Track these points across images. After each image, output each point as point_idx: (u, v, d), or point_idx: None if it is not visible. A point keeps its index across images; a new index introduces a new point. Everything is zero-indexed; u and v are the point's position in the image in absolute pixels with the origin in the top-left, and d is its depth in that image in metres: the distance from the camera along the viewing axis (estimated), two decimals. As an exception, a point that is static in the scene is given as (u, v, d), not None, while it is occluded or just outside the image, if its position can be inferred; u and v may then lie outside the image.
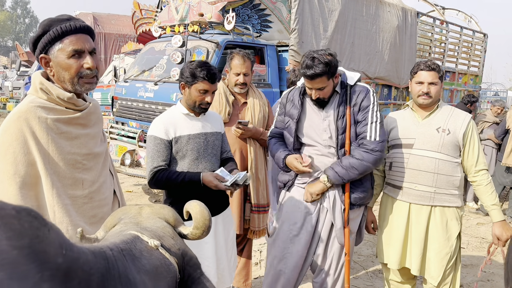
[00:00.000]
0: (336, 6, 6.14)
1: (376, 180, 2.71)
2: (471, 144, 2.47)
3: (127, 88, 6.05)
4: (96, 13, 13.16)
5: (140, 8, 8.41)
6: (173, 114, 2.43)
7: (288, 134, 2.55)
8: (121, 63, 9.08)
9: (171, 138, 2.35)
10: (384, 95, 7.38)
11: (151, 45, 6.40)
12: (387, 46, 7.01)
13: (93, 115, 1.69)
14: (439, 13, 9.82)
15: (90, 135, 1.66)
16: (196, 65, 2.35)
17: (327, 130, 2.45)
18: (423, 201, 2.50)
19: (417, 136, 2.52)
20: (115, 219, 1.26)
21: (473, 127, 2.49)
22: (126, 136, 5.87)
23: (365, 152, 2.36)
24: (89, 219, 1.60)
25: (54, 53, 1.54)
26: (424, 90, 2.48)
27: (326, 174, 2.42)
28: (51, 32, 1.52)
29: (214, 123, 2.53)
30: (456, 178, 2.48)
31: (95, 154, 1.67)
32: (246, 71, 2.97)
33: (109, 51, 12.73)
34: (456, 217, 2.52)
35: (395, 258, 2.58)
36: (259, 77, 5.77)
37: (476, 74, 9.93)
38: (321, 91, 2.36)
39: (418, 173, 2.49)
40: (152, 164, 2.33)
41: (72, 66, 1.55)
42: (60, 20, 1.55)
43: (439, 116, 2.52)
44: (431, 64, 2.51)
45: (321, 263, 2.56)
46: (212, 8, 5.40)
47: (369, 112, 2.40)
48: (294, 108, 2.53)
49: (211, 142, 2.46)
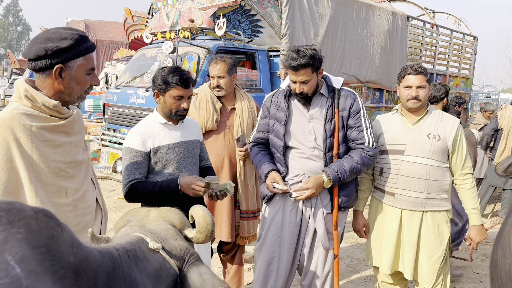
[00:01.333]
0: (326, 11, 6.17)
1: (365, 183, 2.72)
2: (459, 149, 2.51)
3: (119, 95, 6.03)
4: (87, 20, 13.14)
5: (132, 15, 8.41)
6: (150, 124, 2.36)
7: (275, 138, 2.54)
8: (113, 69, 9.06)
9: (149, 150, 2.29)
10: (375, 98, 7.41)
11: (143, 51, 6.40)
12: (378, 50, 7.06)
13: (76, 123, 1.69)
14: (429, 17, 9.91)
15: (73, 143, 1.67)
16: (168, 71, 2.28)
17: (312, 132, 2.46)
18: (415, 207, 2.51)
19: (408, 142, 2.52)
20: (124, 221, 1.30)
21: (461, 132, 2.53)
22: (118, 143, 5.85)
23: (366, 158, 2.43)
24: (73, 227, 1.57)
25: (74, 67, 1.59)
26: (413, 94, 2.48)
27: (326, 174, 2.39)
28: (82, 48, 1.60)
29: (192, 130, 2.49)
30: (445, 182, 2.51)
31: (78, 162, 1.68)
32: (219, 74, 2.94)
33: (101, 58, 12.70)
34: (446, 221, 2.55)
35: (388, 263, 2.58)
36: (251, 82, 5.79)
37: (467, 77, 10.00)
38: (305, 84, 2.38)
39: (410, 179, 2.49)
40: (128, 177, 2.25)
41: (87, 82, 1.65)
42: (86, 38, 1.63)
43: (429, 122, 2.53)
44: (418, 67, 2.51)
45: (307, 265, 2.57)
46: (202, 14, 5.41)
47: (361, 118, 2.46)
48: (280, 111, 2.53)
49: (191, 151, 2.43)
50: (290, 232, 2.52)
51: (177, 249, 1.20)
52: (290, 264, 2.55)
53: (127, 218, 1.30)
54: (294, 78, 2.38)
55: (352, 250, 4.65)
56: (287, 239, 2.52)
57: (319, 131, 2.45)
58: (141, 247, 1.12)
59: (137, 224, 1.24)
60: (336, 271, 2.54)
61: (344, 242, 4.88)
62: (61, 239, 0.78)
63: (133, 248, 1.09)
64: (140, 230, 1.19)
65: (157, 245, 1.14)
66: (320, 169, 2.45)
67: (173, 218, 1.33)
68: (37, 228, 0.74)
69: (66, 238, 0.80)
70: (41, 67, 1.56)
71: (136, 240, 1.13)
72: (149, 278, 1.06)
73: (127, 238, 1.13)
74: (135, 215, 1.31)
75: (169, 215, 1.33)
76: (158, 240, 1.17)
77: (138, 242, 1.12)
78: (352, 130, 2.46)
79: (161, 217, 1.31)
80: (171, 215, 1.33)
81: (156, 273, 1.09)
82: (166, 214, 1.33)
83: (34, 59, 1.56)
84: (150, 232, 1.19)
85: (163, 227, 1.25)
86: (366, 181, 2.72)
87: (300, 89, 2.39)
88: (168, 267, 1.14)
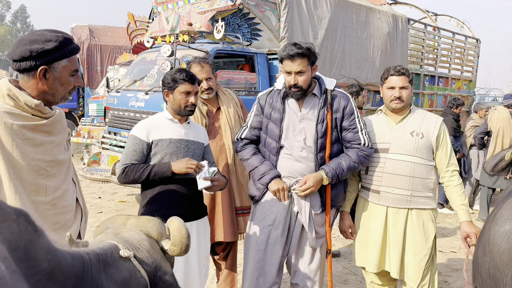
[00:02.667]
0: (325, 14, 6.19)
1: (351, 184, 2.73)
2: (443, 146, 2.53)
3: (119, 98, 6.08)
4: (92, 26, 13.23)
5: (135, 20, 8.49)
6: (158, 119, 2.53)
7: (270, 138, 2.55)
8: (116, 74, 9.12)
9: (151, 141, 2.41)
10: (376, 101, 7.41)
11: (143, 55, 6.45)
12: (378, 52, 7.06)
13: (58, 123, 1.71)
14: (431, 20, 9.90)
15: (55, 143, 1.68)
16: (175, 71, 2.48)
17: (302, 132, 2.47)
18: (400, 204, 2.52)
19: (392, 141, 2.54)
20: (102, 227, 1.30)
21: (444, 130, 2.56)
22: (118, 146, 5.89)
23: (363, 157, 2.48)
24: (52, 225, 1.61)
25: (58, 68, 1.62)
26: (396, 94, 2.51)
27: (325, 172, 2.41)
28: (66, 50, 1.62)
29: (197, 133, 2.57)
30: (430, 180, 2.53)
31: (59, 161, 1.69)
32: (207, 76, 2.96)
33: (105, 62, 12.78)
34: (432, 219, 2.55)
35: (374, 262, 2.58)
36: (250, 85, 5.81)
37: (469, 79, 9.97)
38: (300, 75, 2.38)
39: (394, 177, 2.51)
40: (125, 160, 2.40)
41: (71, 83, 1.68)
42: (70, 40, 1.65)
43: (412, 120, 2.56)
44: (400, 69, 2.55)
45: (295, 264, 2.58)
46: (201, 17, 5.45)
47: (355, 119, 2.50)
48: (276, 111, 2.53)
49: (192, 150, 2.49)
50: (279, 233, 2.52)
51: (149, 260, 1.20)
52: (279, 263, 2.56)
53: (106, 225, 1.31)
54: (289, 68, 2.38)
55: (349, 252, 4.63)
56: (276, 238, 2.53)
57: (309, 131, 2.46)
58: (113, 253, 1.12)
59: (112, 232, 1.25)
60: (329, 267, 2.58)
61: (341, 244, 4.88)
62: (38, 245, 0.79)
63: (104, 253, 1.09)
64: (113, 237, 1.20)
65: (128, 252, 1.14)
66: (306, 172, 2.46)
67: (151, 228, 1.32)
68: (18, 231, 0.75)
69: (42, 245, 0.81)
70: (25, 68, 1.58)
71: (109, 246, 1.13)
72: (116, 285, 1.06)
73: (99, 245, 1.14)
74: (113, 223, 1.31)
75: (146, 225, 1.32)
76: (130, 249, 1.17)
77: (110, 248, 1.13)
78: (348, 131, 2.49)
79: (138, 227, 1.31)
80: (149, 225, 1.33)
81: (124, 281, 1.09)
82: (144, 223, 1.32)
83: (19, 60, 1.58)
84: (123, 240, 1.19)
85: (137, 237, 1.25)
86: (352, 182, 2.73)
87: (295, 80, 2.39)
88: (138, 276, 1.13)
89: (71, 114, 12.42)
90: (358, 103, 4.59)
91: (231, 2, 5.47)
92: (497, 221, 1.52)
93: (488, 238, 1.51)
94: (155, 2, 6.78)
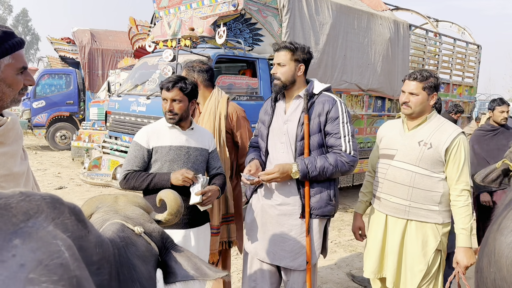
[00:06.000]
0: (327, 20, 6.20)
1: (368, 187, 2.73)
2: (454, 160, 2.35)
3: (120, 103, 6.07)
4: (93, 30, 13.27)
5: (136, 24, 8.52)
6: (159, 125, 2.52)
7: (260, 140, 2.64)
8: (117, 78, 9.13)
9: (151, 148, 2.42)
10: (378, 107, 7.40)
11: (145, 59, 6.46)
12: (380, 58, 7.06)
13: (11, 131, 1.49)
14: (432, 26, 9.90)
15: (9, 154, 1.47)
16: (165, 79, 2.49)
17: (285, 134, 2.49)
18: (398, 213, 2.45)
19: (399, 148, 2.47)
20: (91, 207, 1.31)
21: (460, 144, 2.35)
22: (118, 150, 5.88)
23: (341, 162, 2.38)
24: None
25: (0, 67, 1.40)
26: (402, 99, 2.46)
27: (296, 164, 2.38)
28: (7, 45, 1.40)
29: (201, 139, 2.54)
30: (435, 193, 2.38)
31: (15, 174, 1.49)
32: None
33: (106, 66, 12.81)
34: (434, 234, 2.41)
35: (372, 268, 2.56)
36: (251, 90, 5.80)
37: (471, 85, 9.95)
38: (281, 68, 2.45)
39: (394, 185, 2.45)
40: (126, 166, 2.44)
41: (19, 82, 1.46)
42: (11, 34, 1.43)
43: (426, 129, 2.43)
44: (417, 73, 2.43)
45: (286, 272, 2.57)
46: (203, 22, 5.46)
47: (339, 125, 2.41)
48: (266, 114, 2.62)
49: (193, 157, 2.47)
50: (265, 236, 2.55)
51: (155, 231, 1.27)
52: (273, 268, 2.59)
53: (95, 205, 1.31)
54: (274, 60, 2.49)
55: (351, 259, 4.61)
56: (263, 241, 2.55)
57: (292, 134, 2.47)
58: (127, 232, 1.18)
59: (111, 210, 1.27)
60: (308, 278, 2.46)
61: (344, 251, 4.85)
62: (88, 238, 0.86)
63: (124, 235, 1.16)
64: (117, 216, 1.23)
65: (140, 229, 1.20)
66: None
67: (141, 203, 1.38)
68: (72, 228, 0.80)
69: (92, 239, 0.87)
70: None
71: (121, 226, 1.19)
72: (140, 260, 1.14)
73: (110, 226, 1.18)
74: (103, 202, 1.32)
75: (137, 200, 1.37)
76: (137, 225, 1.23)
77: (122, 227, 1.19)
78: (330, 136, 2.43)
79: (131, 202, 1.34)
80: (139, 200, 1.38)
81: (143, 255, 1.17)
82: (134, 199, 1.37)
83: None
84: (127, 218, 1.24)
85: (137, 212, 1.30)
86: (368, 184, 2.71)
87: (275, 70, 2.47)
88: (150, 248, 1.21)
89: (72, 118, 12.45)
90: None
91: (233, 7, 5.47)
92: (502, 231, 1.50)
93: (493, 249, 1.49)
94: (157, 7, 6.79)
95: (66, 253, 0.70)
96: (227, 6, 5.55)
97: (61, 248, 0.70)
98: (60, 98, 12.36)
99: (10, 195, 0.72)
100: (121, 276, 1.03)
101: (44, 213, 0.74)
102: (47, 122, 12.13)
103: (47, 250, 0.67)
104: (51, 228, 0.73)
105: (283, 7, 5.73)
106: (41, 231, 0.70)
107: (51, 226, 0.73)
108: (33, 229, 0.69)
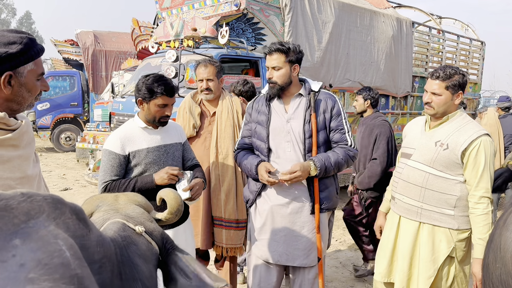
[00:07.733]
0: (329, 18, 6.19)
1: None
2: (473, 164, 2.20)
3: (124, 104, 6.09)
4: (96, 31, 13.31)
5: (139, 25, 8.55)
6: (131, 128, 2.40)
7: (259, 141, 2.58)
8: (121, 79, 9.16)
9: (128, 153, 2.33)
10: (381, 104, 7.37)
11: (148, 60, 6.47)
12: (383, 56, 7.04)
13: (25, 134, 1.52)
14: (436, 23, 9.87)
15: (23, 157, 1.51)
16: (153, 81, 2.32)
17: (290, 133, 2.48)
18: (409, 215, 2.38)
19: (417, 147, 2.38)
20: (91, 206, 1.30)
21: (480, 147, 2.19)
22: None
23: (349, 156, 2.47)
24: None
25: (24, 73, 1.45)
26: (425, 99, 2.34)
27: (313, 162, 2.39)
28: (32, 52, 1.45)
29: (173, 133, 2.52)
30: (450, 196, 2.26)
31: (29, 177, 1.52)
32: (208, 76, 2.93)
33: (110, 68, 12.84)
34: (447, 239, 2.29)
35: (383, 271, 2.50)
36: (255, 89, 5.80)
37: (475, 82, 9.91)
38: (276, 71, 2.45)
39: (407, 185, 2.38)
40: (103, 178, 2.32)
41: (38, 88, 1.51)
42: (35, 41, 1.48)
43: (446, 129, 2.30)
44: (440, 71, 2.28)
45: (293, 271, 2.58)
46: (205, 23, 5.46)
47: (343, 121, 2.51)
48: (261, 114, 2.57)
49: (171, 154, 2.45)
50: (277, 237, 2.53)
51: (155, 230, 1.28)
52: (280, 269, 2.59)
53: (96, 204, 1.30)
54: (268, 63, 2.49)
55: (356, 257, 4.60)
56: (275, 243, 2.53)
57: (297, 132, 2.47)
58: (128, 231, 1.19)
59: (112, 209, 1.27)
60: (321, 274, 2.50)
61: (349, 250, 4.84)
62: (89, 238, 0.87)
63: (125, 235, 1.16)
64: (118, 215, 1.23)
65: (142, 228, 1.20)
66: None
67: (142, 202, 1.38)
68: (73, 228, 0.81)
69: (93, 238, 0.88)
70: None
71: (122, 225, 1.19)
72: (141, 260, 1.15)
73: (111, 225, 1.18)
74: (104, 200, 1.32)
75: (137, 199, 1.38)
76: (138, 224, 1.24)
77: (123, 226, 1.19)
78: (335, 132, 2.50)
79: (132, 201, 1.34)
80: (139, 199, 1.39)
81: (144, 254, 1.17)
82: (134, 198, 1.37)
83: None
84: (128, 217, 1.24)
85: (138, 211, 1.30)
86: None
87: (271, 75, 2.47)
88: (151, 248, 1.22)
89: (76, 120, 12.50)
90: None
91: (235, 7, 5.48)
92: (508, 227, 1.50)
93: (499, 244, 1.48)
94: (160, 8, 6.81)
95: (67, 252, 0.70)
96: (229, 6, 5.56)
97: (62, 248, 0.70)
98: (64, 100, 12.40)
99: (12, 196, 0.72)
100: (123, 275, 1.04)
101: (45, 213, 0.74)
102: (52, 124, 12.18)
103: (47, 250, 0.68)
104: (52, 228, 0.73)
105: (286, 6, 5.73)
106: (41, 231, 0.71)
107: (52, 226, 0.74)
108: (33, 229, 0.70)
